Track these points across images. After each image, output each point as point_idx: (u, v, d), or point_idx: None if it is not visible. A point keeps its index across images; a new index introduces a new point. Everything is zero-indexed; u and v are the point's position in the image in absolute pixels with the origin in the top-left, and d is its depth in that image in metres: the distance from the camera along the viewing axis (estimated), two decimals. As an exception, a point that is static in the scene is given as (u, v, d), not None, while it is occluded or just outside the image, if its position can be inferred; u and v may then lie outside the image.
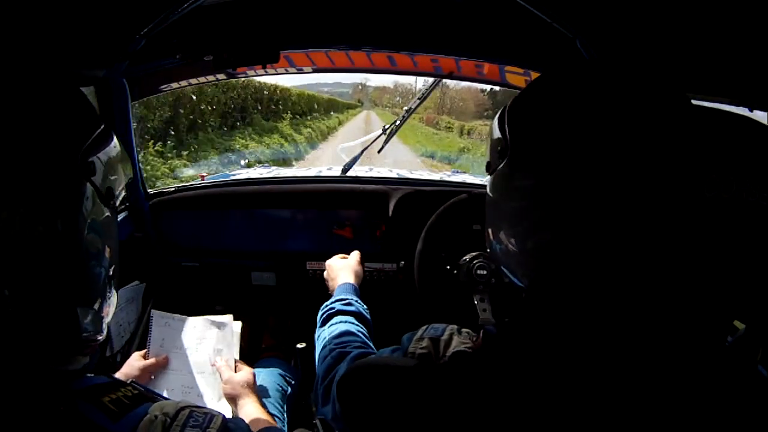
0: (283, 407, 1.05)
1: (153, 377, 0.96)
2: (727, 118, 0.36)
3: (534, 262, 0.40)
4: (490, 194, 0.46)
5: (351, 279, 0.95)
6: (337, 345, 0.74)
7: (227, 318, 0.99)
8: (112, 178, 0.47)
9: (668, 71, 0.71)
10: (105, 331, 0.48)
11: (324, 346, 0.76)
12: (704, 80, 0.69)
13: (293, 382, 1.16)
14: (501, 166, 0.42)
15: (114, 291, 0.49)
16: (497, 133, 0.44)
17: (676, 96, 0.37)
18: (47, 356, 0.41)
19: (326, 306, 0.87)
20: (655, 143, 0.34)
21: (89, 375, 0.47)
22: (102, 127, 0.46)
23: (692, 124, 0.35)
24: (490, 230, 0.46)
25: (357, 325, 0.81)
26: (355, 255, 1.04)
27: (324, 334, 0.79)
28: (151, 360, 0.96)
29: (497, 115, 0.45)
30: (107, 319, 0.48)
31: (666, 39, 0.68)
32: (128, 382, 0.50)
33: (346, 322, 0.81)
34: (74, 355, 0.44)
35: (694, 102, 0.37)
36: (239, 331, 1.00)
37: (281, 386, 1.11)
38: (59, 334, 0.41)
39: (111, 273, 0.47)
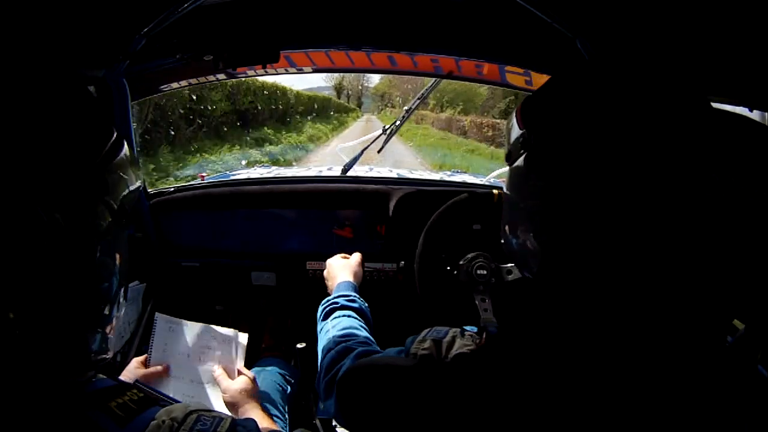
0: (284, 407, 1.04)
1: (153, 385, 0.96)
2: (727, 118, 0.37)
3: (545, 257, 0.40)
4: (508, 190, 0.47)
5: (350, 278, 0.95)
6: (342, 338, 0.73)
7: (233, 332, 0.98)
8: (123, 188, 0.46)
9: (669, 71, 0.71)
10: (112, 348, 0.47)
11: (328, 339, 0.75)
12: (704, 80, 0.69)
13: (293, 382, 1.16)
14: (521, 158, 0.43)
15: (122, 307, 0.49)
16: (517, 125, 0.44)
17: (690, 99, 0.37)
18: (55, 373, 0.41)
19: (329, 300, 0.87)
20: (658, 143, 0.34)
21: (95, 378, 0.47)
22: (115, 136, 0.45)
23: (694, 125, 0.35)
24: (506, 226, 0.47)
25: (360, 320, 0.81)
26: (357, 256, 1.03)
27: (327, 327, 0.79)
28: (151, 369, 0.95)
29: (518, 106, 0.45)
30: (113, 336, 0.47)
31: (666, 39, 0.68)
32: (134, 383, 0.50)
33: (350, 317, 0.81)
34: (82, 373, 0.44)
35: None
36: (245, 343, 1.00)
37: (281, 386, 1.11)
38: (68, 354, 0.41)
39: (120, 290, 0.47)
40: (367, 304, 0.87)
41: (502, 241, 0.49)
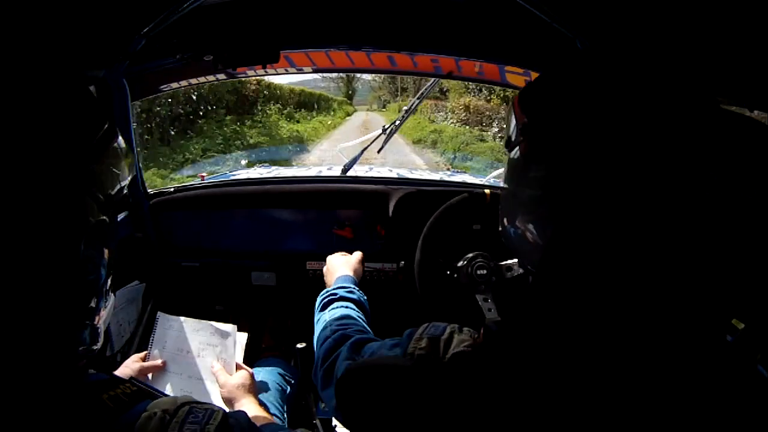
0: (282, 406, 1.04)
1: (150, 379, 0.96)
2: (726, 117, 0.37)
3: (544, 248, 0.40)
4: (506, 182, 0.47)
5: (350, 274, 0.95)
6: (339, 326, 0.73)
7: (231, 327, 0.99)
8: (114, 181, 0.45)
9: (670, 71, 0.71)
10: (101, 339, 0.47)
11: (324, 327, 0.75)
12: (703, 80, 0.69)
13: (293, 381, 1.16)
14: (519, 147, 0.43)
15: (111, 297, 0.48)
16: (516, 113, 0.44)
17: (692, 97, 0.37)
18: (43, 366, 0.40)
19: (327, 291, 0.86)
20: (657, 142, 0.34)
21: (89, 372, 0.47)
22: (106, 126, 0.43)
23: (693, 124, 0.35)
24: (505, 217, 0.47)
25: (358, 311, 0.80)
26: (357, 254, 1.03)
27: (324, 317, 0.79)
28: (149, 363, 0.95)
29: (519, 93, 0.45)
30: (103, 327, 0.47)
31: (666, 39, 0.68)
32: (129, 378, 0.50)
33: (347, 307, 0.80)
34: (70, 364, 0.44)
35: None
36: (244, 341, 1.00)
37: (281, 385, 1.11)
38: (55, 346, 0.40)
39: (108, 282, 0.46)
40: (366, 297, 0.86)
41: (500, 228, 0.49)
